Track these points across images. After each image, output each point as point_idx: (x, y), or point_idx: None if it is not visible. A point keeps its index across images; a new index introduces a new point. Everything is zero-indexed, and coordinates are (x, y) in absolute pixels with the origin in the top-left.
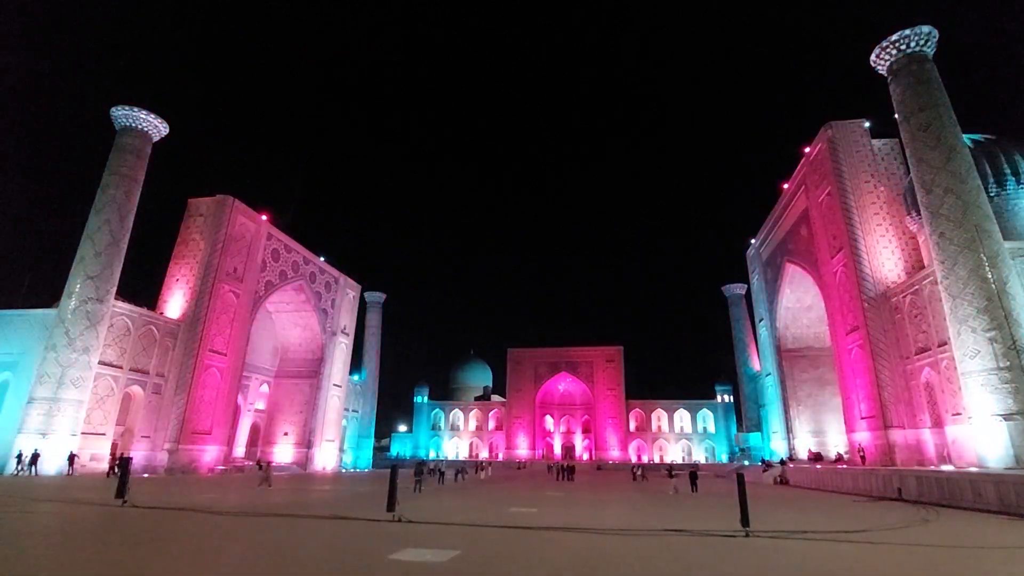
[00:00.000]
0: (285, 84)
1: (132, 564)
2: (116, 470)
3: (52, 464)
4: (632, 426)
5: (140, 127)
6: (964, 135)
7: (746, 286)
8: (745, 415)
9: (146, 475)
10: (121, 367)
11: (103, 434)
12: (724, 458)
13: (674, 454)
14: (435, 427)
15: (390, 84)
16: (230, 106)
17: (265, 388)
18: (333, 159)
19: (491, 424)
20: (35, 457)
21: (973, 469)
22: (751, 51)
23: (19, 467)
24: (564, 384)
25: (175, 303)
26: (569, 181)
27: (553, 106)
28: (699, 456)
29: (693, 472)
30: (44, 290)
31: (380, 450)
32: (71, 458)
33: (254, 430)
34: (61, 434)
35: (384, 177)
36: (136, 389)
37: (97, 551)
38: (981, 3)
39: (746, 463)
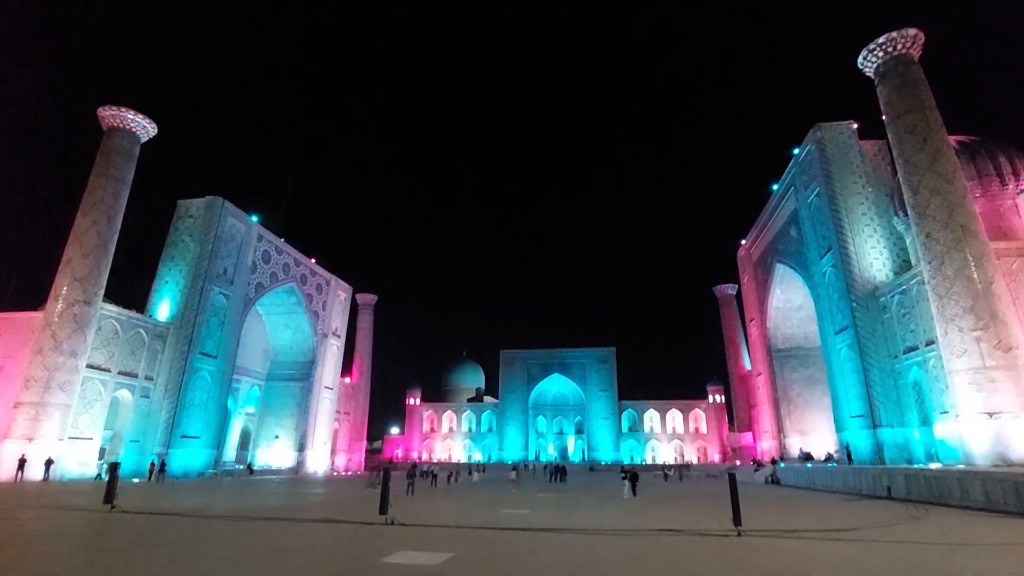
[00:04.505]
0: (276, 84)
1: (123, 569)
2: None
3: (39, 470)
4: (625, 427)
5: (128, 128)
6: (950, 136)
7: (737, 287)
8: (736, 415)
9: (135, 480)
10: (109, 370)
11: (90, 438)
12: (716, 458)
13: (666, 455)
14: (428, 429)
15: (382, 84)
16: (220, 107)
17: (256, 391)
18: (325, 160)
19: (484, 426)
20: (22, 462)
21: (960, 467)
22: (741, 54)
23: None
24: (557, 385)
25: (164, 305)
26: (561, 182)
27: (546, 108)
28: (691, 456)
29: (633, 473)
30: (31, 292)
31: (372, 452)
32: (48, 464)
33: (244, 433)
34: (48, 439)
35: (376, 178)
36: (125, 393)
37: (87, 557)
38: (967, 6)
39: (738, 462)
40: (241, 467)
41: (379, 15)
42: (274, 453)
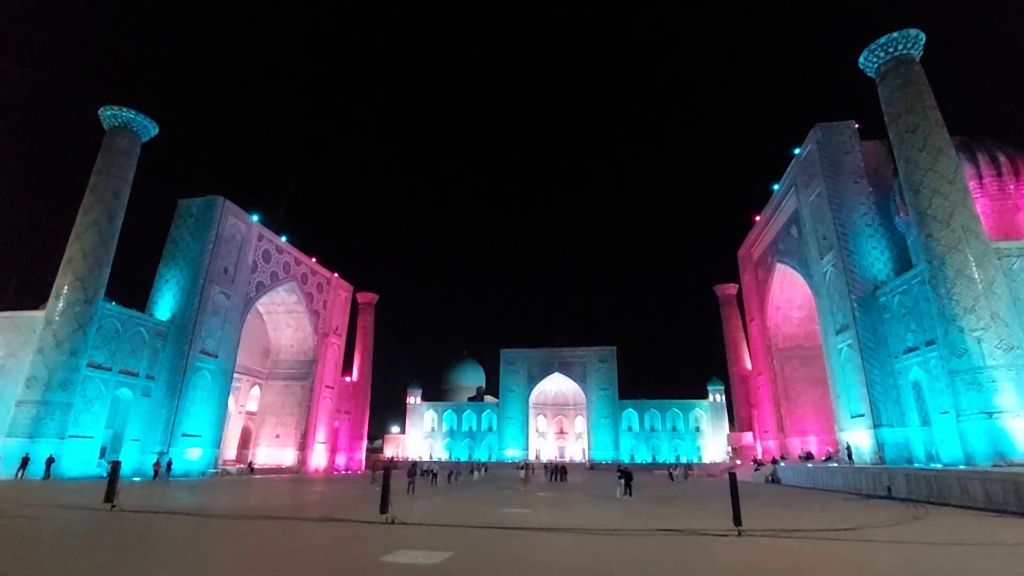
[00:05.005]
0: (276, 84)
1: (124, 569)
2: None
3: (40, 468)
4: (625, 426)
5: (129, 127)
6: (951, 136)
7: (737, 286)
8: (737, 414)
9: (136, 479)
10: (110, 369)
11: (91, 437)
12: (718, 457)
13: (667, 454)
14: (428, 428)
15: (382, 84)
16: (221, 106)
17: (256, 390)
18: (325, 160)
19: (484, 425)
20: (24, 461)
21: (961, 467)
22: (741, 54)
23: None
24: (557, 384)
25: (165, 304)
26: (561, 182)
27: (546, 108)
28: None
29: (627, 473)
30: (32, 291)
31: (373, 451)
32: (49, 462)
33: (245, 432)
34: (49, 437)
35: (376, 178)
36: (126, 391)
37: (88, 556)
38: (967, 6)
39: (738, 462)
40: (242, 466)
41: (379, 15)
42: (275, 452)
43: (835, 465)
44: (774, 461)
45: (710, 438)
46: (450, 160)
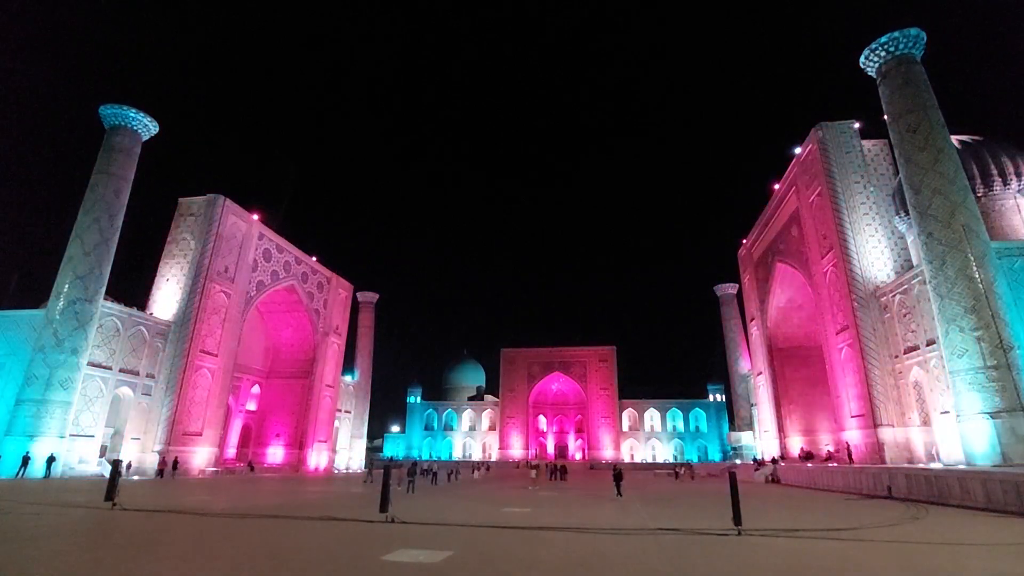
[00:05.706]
0: (278, 82)
1: (124, 567)
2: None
3: (40, 467)
4: (625, 425)
5: (130, 126)
6: (952, 136)
7: (737, 286)
8: (737, 414)
9: (135, 477)
10: (111, 368)
11: (92, 436)
12: (718, 457)
13: (667, 453)
14: (428, 427)
15: (384, 83)
16: (222, 105)
17: (256, 389)
18: (326, 158)
19: (484, 424)
20: (25, 460)
21: (961, 467)
22: (742, 54)
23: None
24: (557, 384)
25: (165, 303)
26: (562, 182)
27: (546, 107)
28: (691, 455)
29: (618, 472)
30: (32, 290)
31: (373, 451)
32: (49, 461)
33: (245, 431)
34: (49, 436)
35: (377, 176)
36: (126, 390)
37: (88, 555)
38: (967, 6)
39: (738, 461)
40: (242, 465)
41: (379, 15)
42: (275, 451)
43: (835, 465)
44: (774, 461)
45: (710, 437)
46: (450, 160)
